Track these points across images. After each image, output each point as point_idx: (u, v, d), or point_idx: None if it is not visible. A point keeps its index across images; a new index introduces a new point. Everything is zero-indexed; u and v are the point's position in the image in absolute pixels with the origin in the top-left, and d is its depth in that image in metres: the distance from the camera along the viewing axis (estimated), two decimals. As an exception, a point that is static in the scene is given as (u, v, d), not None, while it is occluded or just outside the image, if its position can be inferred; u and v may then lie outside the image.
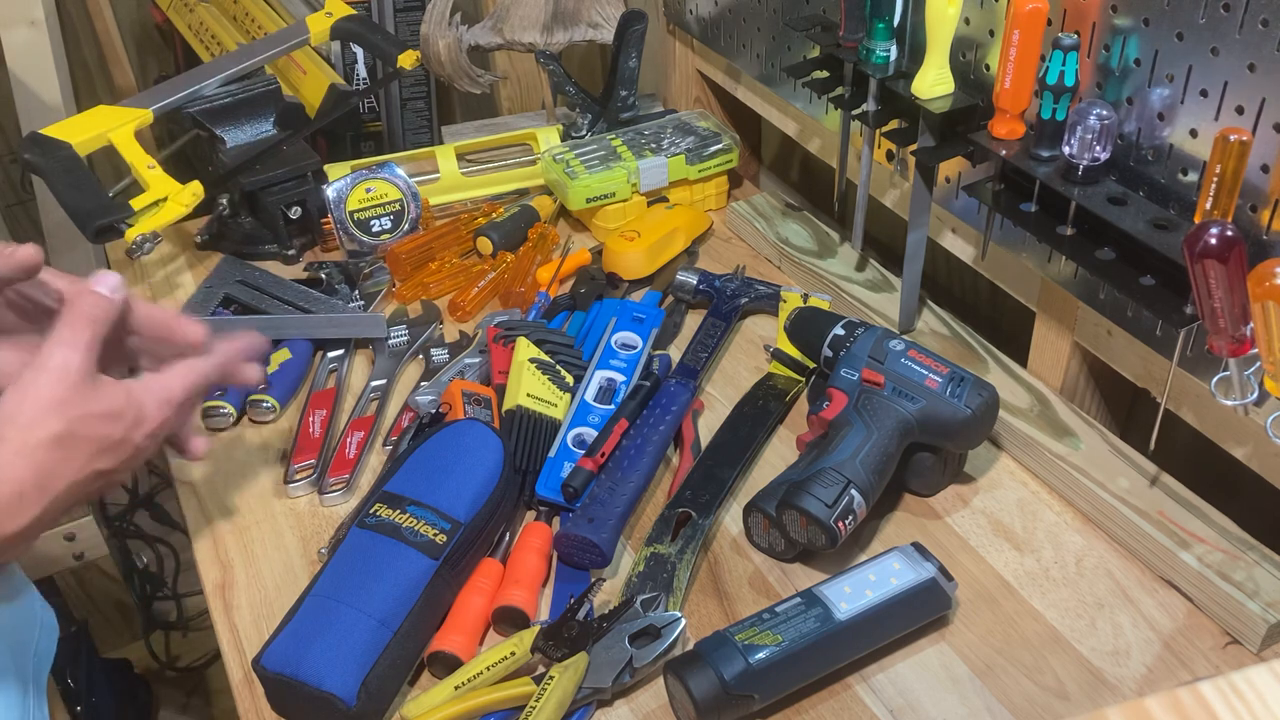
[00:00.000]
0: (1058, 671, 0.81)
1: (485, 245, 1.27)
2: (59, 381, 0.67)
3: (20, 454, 0.65)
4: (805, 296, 1.13)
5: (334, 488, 0.97)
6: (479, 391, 1.00)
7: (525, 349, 1.03)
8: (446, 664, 0.81)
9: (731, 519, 0.94)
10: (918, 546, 0.84)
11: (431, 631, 0.82)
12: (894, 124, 1.03)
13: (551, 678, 0.76)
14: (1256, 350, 0.71)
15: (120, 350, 0.78)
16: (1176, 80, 0.80)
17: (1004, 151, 0.88)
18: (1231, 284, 0.69)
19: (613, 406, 1.01)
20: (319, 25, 1.35)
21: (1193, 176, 0.82)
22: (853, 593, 0.80)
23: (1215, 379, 0.79)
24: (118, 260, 1.30)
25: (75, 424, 0.67)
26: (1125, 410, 1.06)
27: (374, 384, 1.09)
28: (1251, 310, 0.68)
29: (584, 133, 1.41)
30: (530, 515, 0.95)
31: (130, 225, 1.14)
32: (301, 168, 1.28)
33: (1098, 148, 0.82)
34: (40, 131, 1.19)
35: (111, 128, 1.20)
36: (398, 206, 1.27)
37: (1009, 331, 1.17)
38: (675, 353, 1.13)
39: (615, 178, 1.28)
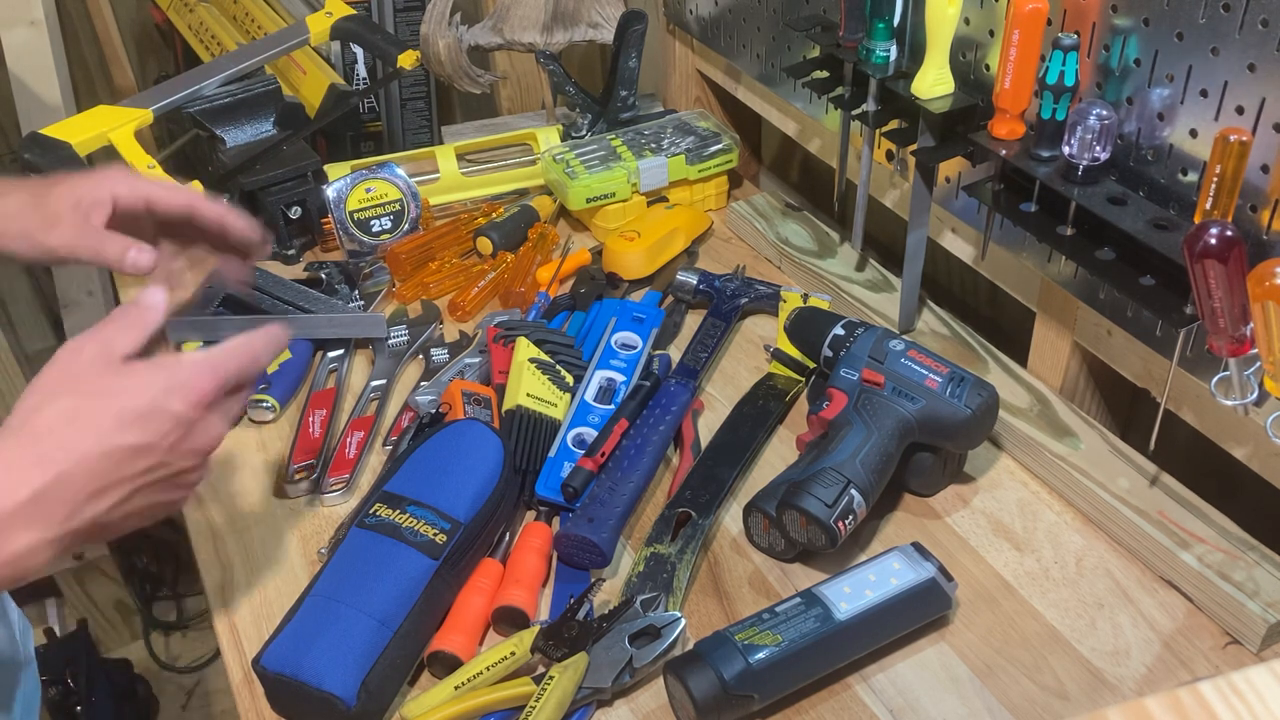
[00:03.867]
0: (1057, 671, 0.81)
1: (485, 245, 1.27)
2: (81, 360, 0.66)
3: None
4: (805, 296, 1.13)
5: (334, 488, 0.97)
6: (479, 391, 1.00)
7: (525, 349, 1.03)
8: (446, 664, 0.81)
9: (731, 519, 0.94)
10: (918, 546, 0.84)
11: (431, 631, 0.82)
12: (894, 124, 1.03)
13: (551, 678, 0.76)
14: (1256, 350, 0.71)
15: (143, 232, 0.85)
16: (1176, 80, 0.80)
17: (1004, 151, 0.88)
18: (1231, 284, 0.69)
19: (613, 406, 1.00)
20: (319, 25, 1.35)
21: (1193, 176, 0.82)
22: (853, 593, 0.80)
23: (1215, 379, 0.79)
24: (118, 260, 1.30)
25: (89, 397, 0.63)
26: (1125, 410, 1.06)
27: (374, 384, 1.09)
28: (1251, 310, 0.68)
29: (584, 133, 1.41)
30: (530, 515, 0.95)
31: (130, 225, 1.14)
32: (301, 168, 1.28)
33: (1098, 148, 0.82)
34: (40, 131, 1.19)
35: (111, 128, 1.21)
36: (398, 206, 1.27)
37: (1009, 331, 1.17)
38: (675, 353, 1.13)
39: (615, 178, 1.28)
